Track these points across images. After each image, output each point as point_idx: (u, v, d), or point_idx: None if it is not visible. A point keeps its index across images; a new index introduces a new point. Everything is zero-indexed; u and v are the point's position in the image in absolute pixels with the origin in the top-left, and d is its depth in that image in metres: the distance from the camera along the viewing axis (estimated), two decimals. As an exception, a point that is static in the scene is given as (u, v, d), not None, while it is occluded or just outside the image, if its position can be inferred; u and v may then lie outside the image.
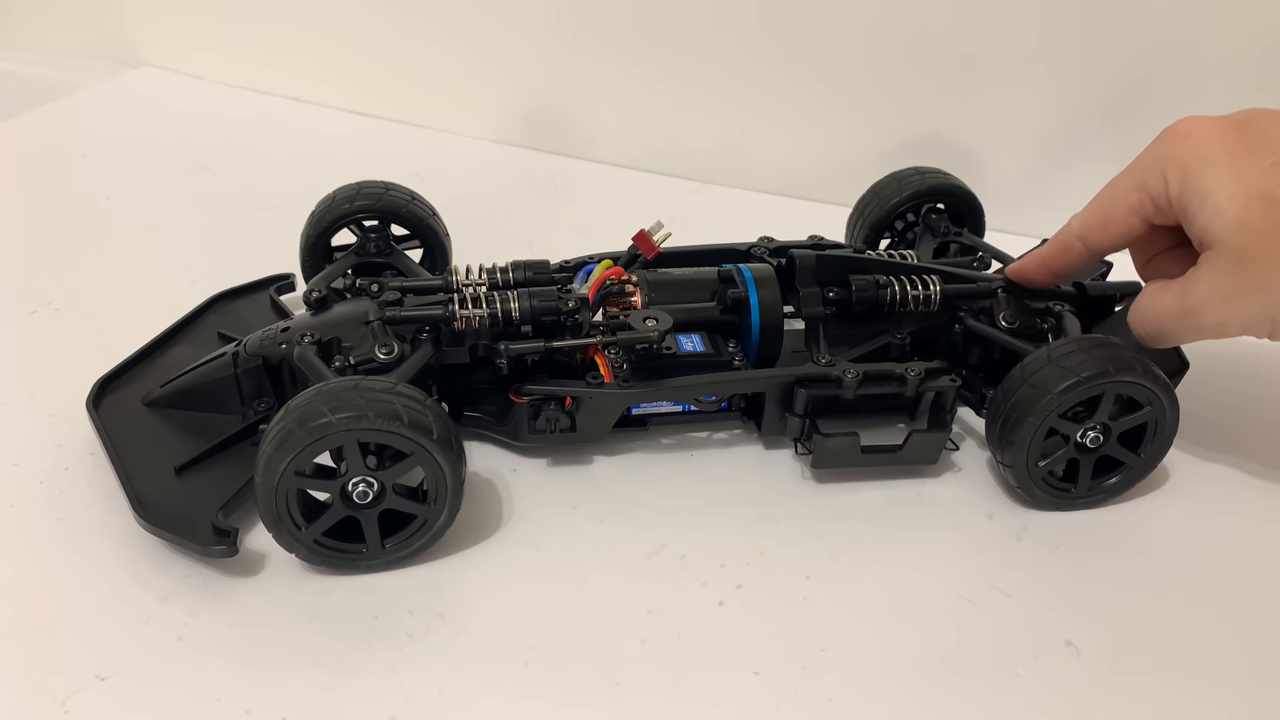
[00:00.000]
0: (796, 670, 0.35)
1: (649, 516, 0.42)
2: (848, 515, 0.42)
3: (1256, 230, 0.33)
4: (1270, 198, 0.33)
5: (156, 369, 0.46)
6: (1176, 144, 0.36)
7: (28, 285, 0.56)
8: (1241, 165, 0.34)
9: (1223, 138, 0.35)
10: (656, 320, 0.43)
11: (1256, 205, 0.33)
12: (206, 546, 0.37)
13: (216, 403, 0.43)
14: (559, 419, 0.42)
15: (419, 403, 0.37)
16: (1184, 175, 0.35)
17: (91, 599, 0.37)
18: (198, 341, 0.49)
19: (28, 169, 0.72)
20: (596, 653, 0.36)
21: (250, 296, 0.53)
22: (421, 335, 0.42)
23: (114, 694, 0.34)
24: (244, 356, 0.43)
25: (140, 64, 0.87)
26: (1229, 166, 0.34)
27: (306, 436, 0.35)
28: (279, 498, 0.36)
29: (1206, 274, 0.35)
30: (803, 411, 0.42)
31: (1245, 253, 0.33)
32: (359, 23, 0.76)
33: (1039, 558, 0.40)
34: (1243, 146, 0.34)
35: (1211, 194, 0.34)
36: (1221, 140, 0.35)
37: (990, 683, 0.35)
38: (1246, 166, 0.33)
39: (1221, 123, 0.35)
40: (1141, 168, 0.37)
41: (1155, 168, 0.36)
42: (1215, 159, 0.34)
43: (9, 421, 0.46)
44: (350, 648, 0.36)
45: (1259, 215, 0.33)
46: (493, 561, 0.40)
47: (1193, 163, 0.35)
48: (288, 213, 0.54)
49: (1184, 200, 0.35)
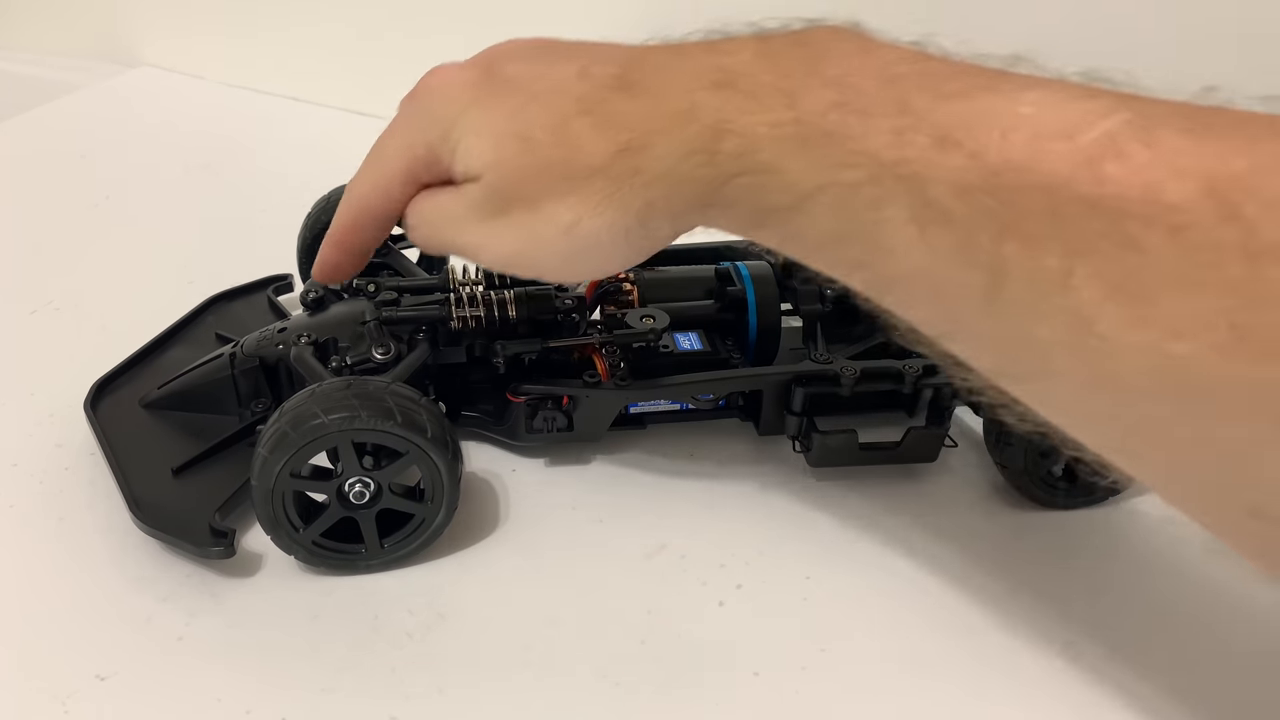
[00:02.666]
0: (796, 670, 0.35)
1: (649, 516, 0.42)
2: (847, 515, 0.42)
3: (510, 167, 0.33)
4: (520, 136, 0.33)
5: (154, 370, 0.46)
6: (428, 100, 0.36)
7: (27, 285, 0.57)
8: (491, 108, 0.34)
9: (471, 85, 0.35)
10: (654, 319, 0.43)
11: (509, 144, 0.33)
12: (204, 548, 0.37)
13: (214, 404, 0.43)
14: (556, 418, 0.42)
15: (413, 402, 0.37)
16: (442, 132, 0.35)
17: (91, 599, 0.37)
18: (195, 343, 0.49)
19: (27, 169, 0.72)
20: (596, 653, 0.36)
21: (248, 297, 0.53)
22: (418, 335, 0.42)
23: (114, 694, 0.34)
24: (241, 357, 0.43)
25: (139, 64, 0.87)
26: (479, 111, 0.34)
27: (301, 438, 0.35)
28: (275, 500, 0.36)
29: (469, 195, 0.35)
30: (800, 409, 0.42)
31: (500, 185, 0.33)
32: (359, 23, 0.76)
33: (1039, 557, 0.40)
34: (490, 91, 0.34)
35: (465, 139, 0.34)
36: (470, 88, 0.35)
37: (991, 683, 0.35)
38: (495, 109, 0.34)
39: (467, 70, 0.36)
40: (403, 130, 0.37)
41: (415, 129, 0.36)
42: (465, 105, 0.34)
43: (9, 421, 0.46)
44: (350, 648, 0.36)
45: (512, 153, 0.33)
46: (493, 562, 0.40)
47: (447, 117, 0.35)
48: (287, 213, 0.54)
49: (447, 152, 0.35)
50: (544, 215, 0.33)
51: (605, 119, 0.31)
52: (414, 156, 0.36)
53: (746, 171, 0.29)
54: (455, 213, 0.35)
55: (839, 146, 0.27)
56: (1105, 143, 0.24)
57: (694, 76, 0.30)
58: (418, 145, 0.36)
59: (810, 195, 0.28)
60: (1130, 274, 0.23)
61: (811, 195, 0.28)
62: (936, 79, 0.27)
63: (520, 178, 0.33)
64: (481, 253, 0.35)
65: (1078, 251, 0.24)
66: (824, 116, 0.28)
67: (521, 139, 0.33)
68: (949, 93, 0.27)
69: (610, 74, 0.32)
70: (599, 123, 0.31)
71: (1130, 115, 0.24)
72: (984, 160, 0.25)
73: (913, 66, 0.28)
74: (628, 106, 0.31)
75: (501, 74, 0.35)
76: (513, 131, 0.33)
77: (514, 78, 0.34)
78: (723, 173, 0.30)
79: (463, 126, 0.34)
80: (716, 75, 0.30)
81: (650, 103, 0.31)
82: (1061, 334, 0.25)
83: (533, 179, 0.33)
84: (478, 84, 0.35)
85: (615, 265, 0.34)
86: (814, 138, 0.28)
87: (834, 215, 0.28)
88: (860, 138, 0.27)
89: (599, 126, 0.31)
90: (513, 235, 0.34)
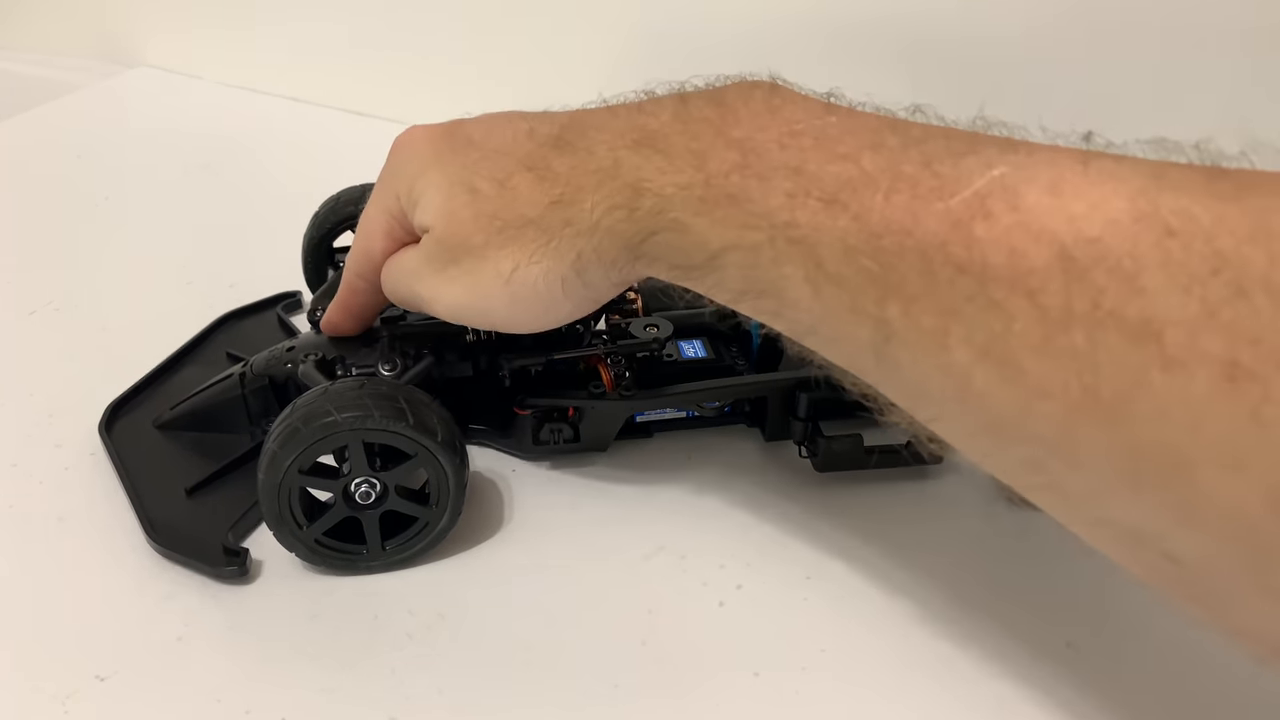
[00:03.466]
0: (797, 671, 0.35)
1: (649, 517, 0.42)
2: (848, 515, 0.42)
3: (458, 218, 0.35)
4: (469, 186, 0.35)
5: (166, 391, 0.47)
6: (397, 157, 0.39)
7: (27, 285, 0.56)
8: (448, 164, 0.36)
9: (433, 143, 0.37)
10: (658, 327, 0.43)
11: (458, 195, 0.35)
12: (217, 567, 0.38)
13: (225, 423, 0.44)
14: (562, 430, 0.42)
15: (424, 405, 0.37)
16: (408, 187, 0.37)
17: (91, 599, 0.37)
18: (207, 362, 0.49)
19: (26, 169, 0.72)
20: (596, 653, 0.36)
21: (258, 315, 0.54)
22: (424, 350, 0.42)
23: (113, 694, 0.34)
24: (251, 377, 0.43)
25: (139, 64, 0.87)
26: (438, 166, 0.36)
27: (311, 435, 0.35)
28: (282, 495, 0.36)
29: (424, 247, 0.37)
30: (805, 415, 0.42)
31: (448, 236, 0.35)
32: (359, 23, 0.76)
33: (1040, 558, 0.40)
34: (450, 148, 0.36)
35: (425, 191, 0.36)
36: (431, 145, 0.37)
37: (992, 683, 0.35)
38: (452, 164, 0.36)
39: (434, 129, 0.38)
40: (380, 190, 0.39)
41: (388, 187, 0.38)
42: (428, 163, 0.37)
43: (9, 421, 0.46)
44: (350, 648, 0.36)
45: (461, 204, 0.35)
46: (493, 562, 0.40)
47: (412, 172, 0.37)
48: (286, 213, 0.54)
49: (411, 205, 0.37)
50: (488, 264, 0.34)
51: (542, 174, 0.33)
52: (389, 214, 0.38)
53: (663, 229, 0.31)
54: (413, 266, 0.37)
55: (740, 208, 0.29)
56: (975, 203, 0.25)
57: (619, 135, 0.32)
58: (389, 202, 0.38)
59: (719, 254, 0.30)
60: (996, 336, 0.24)
61: (720, 254, 0.30)
62: (831, 140, 0.28)
63: (467, 228, 0.35)
64: (435, 304, 0.37)
65: (950, 313, 0.25)
66: (727, 179, 0.29)
67: (470, 190, 0.35)
68: (841, 154, 0.28)
69: (551, 134, 0.34)
70: (536, 178, 0.33)
71: (1005, 170, 0.25)
72: (867, 222, 0.26)
73: (812, 123, 0.29)
74: (562, 162, 0.33)
75: (462, 133, 0.37)
76: (463, 183, 0.35)
77: (471, 136, 0.36)
78: (642, 229, 0.31)
79: (423, 181, 0.36)
80: (637, 135, 0.32)
81: (580, 159, 0.33)
82: (946, 388, 0.26)
83: (478, 229, 0.34)
84: (438, 141, 0.37)
85: (559, 315, 0.36)
86: (718, 199, 0.29)
87: (744, 271, 0.30)
88: (760, 200, 0.29)
89: (536, 181, 0.33)
90: (461, 285, 0.36)
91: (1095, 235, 0.23)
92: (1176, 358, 0.22)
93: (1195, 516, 0.23)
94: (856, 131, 0.28)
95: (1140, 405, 0.22)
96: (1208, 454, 0.22)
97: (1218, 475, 0.22)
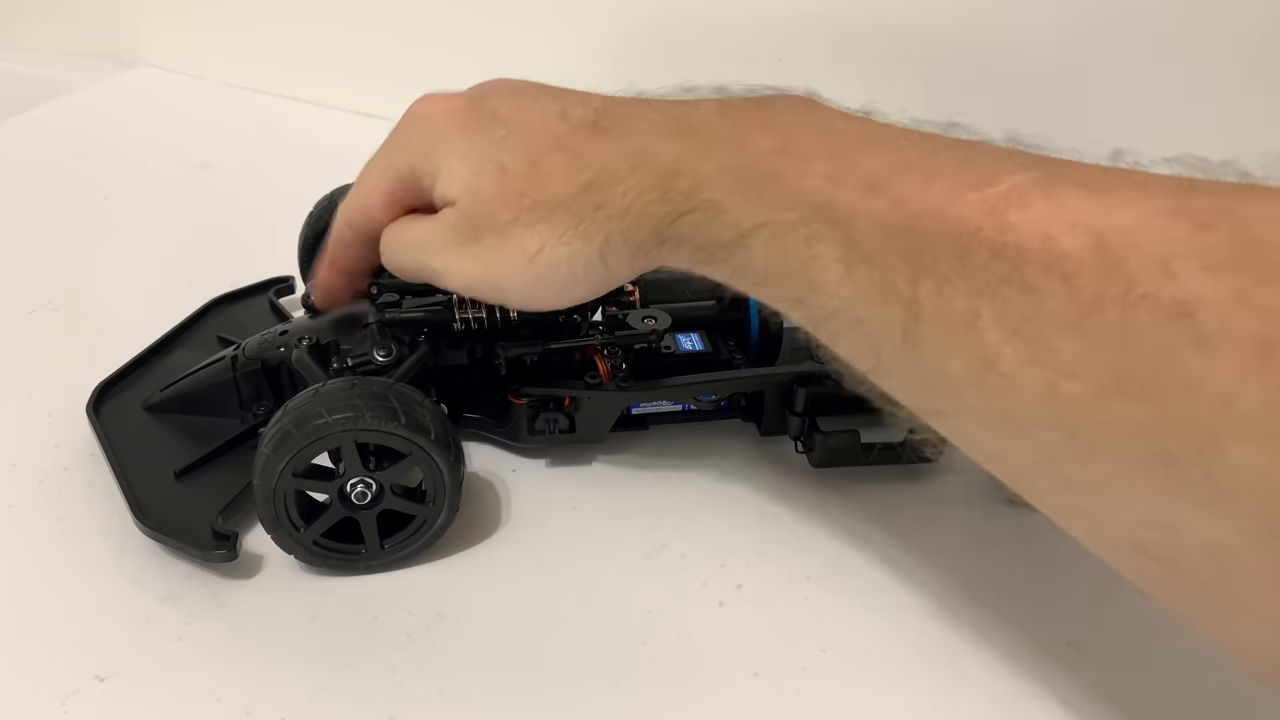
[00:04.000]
0: (797, 671, 0.35)
1: (649, 516, 0.42)
2: (848, 514, 0.42)
3: (486, 194, 0.35)
4: (499, 164, 0.35)
5: (156, 373, 0.46)
6: (415, 126, 0.38)
7: (26, 285, 0.56)
8: (474, 137, 0.36)
9: (457, 115, 0.37)
10: (655, 320, 0.43)
11: (488, 171, 0.35)
12: (206, 551, 0.37)
13: (216, 406, 0.43)
14: (558, 420, 0.42)
15: (417, 403, 0.37)
16: (425, 154, 0.37)
17: (91, 599, 0.37)
18: (197, 345, 0.49)
19: (26, 169, 0.72)
20: (596, 653, 0.36)
21: (249, 300, 0.53)
22: (420, 337, 0.42)
23: (113, 694, 0.34)
24: (242, 360, 0.43)
25: (140, 64, 0.87)
26: (463, 138, 0.36)
27: (304, 438, 0.35)
28: (277, 499, 0.36)
29: (444, 220, 0.36)
30: (802, 410, 0.42)
31: (474, 211, 0.35)
32: (359, 23, 0.76)
33: (1041, 557, 0.40)
34: (476, 121, 0.36)
35: (447, 163, 0.36)
36: (456, 116, 0.37)
37: (993, 682, 0.35)
38: (479, 138, 0.36)
39: (455, 100, 0.37)
40: (389, 152, 0.39)
41: (400, 151, 0.38)
42: (450, 132, 0.36)
43: (8, 421, 0.46)
44: (349, 648, 0.36)
45: (490, 181, 0.35)
46: (492, 561, 0.40)
47: (431, 141, 0.37)
48: (286, 212, 0.54)
49: (428, 174, 0.37)
50: (513, 242, 0.34)
51: (576, 157, 0.34)
52: (396, 178, 0.38)
53: (695, 209, 0.31)
54: (430, 238, 0.37)
55: (777, 188, 0.30)
56: (1012, 195, 0.26)
57: (658, 124, 0.33)
58: (401, 167, 0.38)
59: (750, 233, 0.30)
60: (1028, 317, 0.25)
61: (751, 233, 0.30)
62: (871, 136, 0.30)
63: (495, 204, 0.35)
64: (451, 277, 0.37)
65: (982, 294, 0.26)
66: (766, 159, 0.30)
67: (500, 168, 0.35)
68: (879, 146, 0.30)
69: (586, 117, 0.35)
70: (570, 160, 0.34)
71: (1038, 173, 0.26)
72: (904, 207, 0.27)
73: (851, 126, 0.31)
74: (596, 147, 0.34)
75: (487, 106, 0.36)
76: (493, 160, 0.35)
77: (499, 111, 0.36)
78: (674, 209, 0.32)
79: (445, 151, 0.36)
80: (678, 124, 0.33)
81: (616, 144, 0.33)
82: (969, 371, 0.27)
83: (506, 206, 0.34)
84: (463, 113, 0.37)
85: (574, 296, 0.36)
86: (755, 178, 0.30)
87: (771, 252, 0.30)
88: (797, 180, 0.30)
89: (569, 163, 0.34)
90: (481, 260, 0.36)
91: (1128, 225, 0.24)
92: (1209, 336, 0.22)
93: (1222, 495, 0.23)
94: (894, 134, 0.30)
95: (1172, 382, 0.23)
96: (1239, 430, 0.22)
97: (1248, 450, 0.22)
